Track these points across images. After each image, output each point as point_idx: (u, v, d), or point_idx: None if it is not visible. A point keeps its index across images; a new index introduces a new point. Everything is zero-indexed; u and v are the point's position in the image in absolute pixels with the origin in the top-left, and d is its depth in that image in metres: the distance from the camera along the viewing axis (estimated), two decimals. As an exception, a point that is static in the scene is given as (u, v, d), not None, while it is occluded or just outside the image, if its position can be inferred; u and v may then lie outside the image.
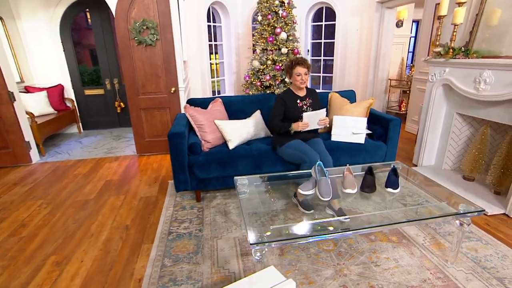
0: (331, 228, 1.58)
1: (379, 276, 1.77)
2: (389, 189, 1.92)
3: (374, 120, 2.96)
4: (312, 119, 2.42)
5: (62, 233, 2.24)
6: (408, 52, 6.15)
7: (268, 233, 1.55)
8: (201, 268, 1.89)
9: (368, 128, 2.86)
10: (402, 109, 5.37)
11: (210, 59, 5.63)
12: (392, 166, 2.07)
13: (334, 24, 5.38)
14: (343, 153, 2.70)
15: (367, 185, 1.91)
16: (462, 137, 2.98)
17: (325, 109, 2.48)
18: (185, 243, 2.14)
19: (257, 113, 3.00)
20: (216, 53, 5.93)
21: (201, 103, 2.97)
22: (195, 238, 2.19)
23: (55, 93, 4.46)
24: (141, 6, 3.32)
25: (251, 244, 1.46)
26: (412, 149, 3.79)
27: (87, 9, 4.68)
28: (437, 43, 2.90)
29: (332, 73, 5.68)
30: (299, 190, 1.91)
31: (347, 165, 2.09)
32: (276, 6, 4.55)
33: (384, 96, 5.46)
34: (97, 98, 5.00)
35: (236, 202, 2.66)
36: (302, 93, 2.55)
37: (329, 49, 5.72)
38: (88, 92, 4.93)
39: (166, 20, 3.39)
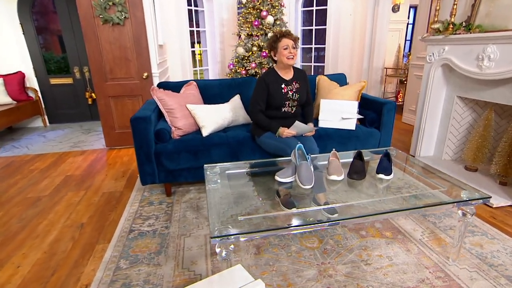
0: (313, 220, 1.39)
1: (370, 276, 1.58)
2: (381, 175, 1.74)
3: (367, 104, 2.79)
4: (300, 131, 2.26)
5: (0, 235, 2.01)
6: (406, 40, 6.03)
7: (235, 226, 1.35)
8: (162, 270, 1.68)
9: (360, 113, 2.68)
10: (399, 100, 5.24)
11: (193, 47, 5.43)
12: (385, 151, 1.89)
13: (326, 9, 5.23)
14: (332, 141, 2.52)
15: (356, 171, 1.73)
16: (463, 123, 2.82)
17: (313, 124, 2.40)
18: (147, 242, 1.93)
19: (236, 98, 2.81)
20: (198, 42, 5.74)
21: (174, 86, 2.76)
22: (160, 236, 1.98)
23: (14, 81, 4.19)
24: (107, -20, 3.11)
25: (212, 238, 1.26)
26: (409, 140, 3.63)
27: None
28: (436, 19, 2.75)
29: (324, 63, 5.52)
30: (276, 177, 1.71)
31: (333, 149, 1.90)
32: (261, -13, 4.37)
33: (380, 87, 5.32)
34: (64, 88, 4.74)
35: (211, 197, 2.45)
36: (289, 75, 2.33)
37: (322, 38, 5.56)
38: (54, 81, 4.66)
39: (136, -4, 3.18)
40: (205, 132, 2.46)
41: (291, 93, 2.29)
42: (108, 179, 2.85)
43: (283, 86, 2.28)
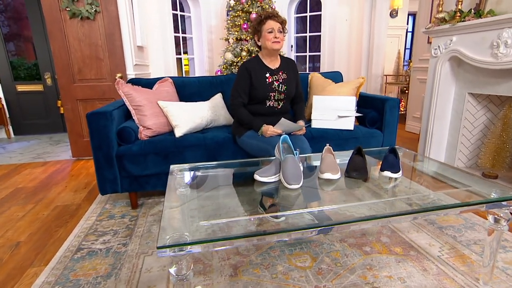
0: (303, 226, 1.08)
1: (378, 304, 1.26)
2: (387, 173, 1.45)
3: (366, 103, 2.55)
4: (287, 129, 1.99)
5: None
6: (406, 49, 5.93)
7: (195, 233, 1.04)
8: (107, 299, 1.34)
9: (359, 113, 2.43)
10: (401, 109, 5.03)
11: (179, 55, 5.27)
12: (390, 147, 1.61)
13: (320, 15, 5.13)
14: (327, 143, 2.24)
15: (355, 168, 1.44)
16: (477, 124, 2.57)
17: (303, 122, 2.11)
18: (97, 262, 1.59)
19: (218, 96, 2.56)
20: (185, 52, 5.60)
21: (146, 83, 2.51)
22: (114, 255, 1.64)
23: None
24: (76, -30, 2.93)
25: (158, 248, 0.94)
26: (415, 148, 3.37)
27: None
28: (440, 9, 2.57)
29: (319, 71, 5.36)
30: (256, 176, 1.41)
31: (327, 144, 1.63)
32: (250, -12, 4.26)
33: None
34: (34, 95, 4.48)
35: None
36: (274, 63, 2.10)
37: (317, 46, 5.43)
38: (21, 88, 4.40)
39: (109, -12, 3.00)
40: (178, 133, 2.18)
41: (276, 84, 2.04)
42: (67, 191, 2.52)
43: (267, 75, 2.03)
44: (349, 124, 2.30)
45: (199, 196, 1.38)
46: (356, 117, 2.44)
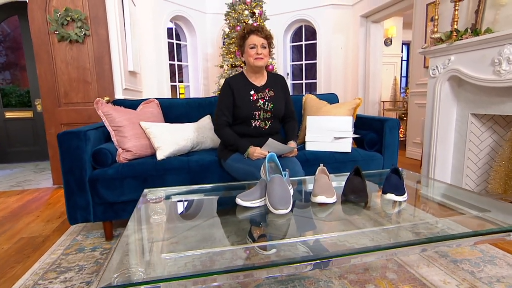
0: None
1: None
2: (390, 196, 1.24)
3: (364, 125, 2.39)
4: (275, 150, 1.76)
5: None
6: (402, 77, 5.91)
7: (153, 269, 0.82)
8: None
9: (356, 134, 2.26)
10: (400, 136, 4.89)
11: (174, 82, 5.24)
12: (391, 166, 1.42)
13: (316, 43, 5.15)
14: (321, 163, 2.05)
15: (354, 190, 1.23)
16: (483, 147, 2.39)
17: (295, 143, 1.92)
18: (50, 306, 1.33)
19: (206, 118, 2.40)
20: (180, 81, 5.57)
21: (131, 105, 2.37)
22: (73, 298, 1.39)
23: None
24: (65, -8, 2.89)
25: (98, 289, 0.72)
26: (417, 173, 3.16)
27: (16, 14, 4.27)
28: (435, 29, 2.49)
29: (316, 98, 5.29)
30: (238, 200, 1.21)
31: (321, 165, 1.43)
32: (245, 17, 4.28)
33: (378, 122, 5.00)
34: (22, 122, 4.34)
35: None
36: (260, 80, 1.95)
37: (314, 75, 5.41)
38: (10, 115, 4.27)
39: (99, 12, 2.95)
40: (160, 155, 1.99)
41: (262, 102, 1.88)
42: (38, 221, 2.28)
43: (251, 92, 1.88)
44: (346, 146, 2.11)
45: (171, 224, 1.16)
46: (354, 139, 2.27)
